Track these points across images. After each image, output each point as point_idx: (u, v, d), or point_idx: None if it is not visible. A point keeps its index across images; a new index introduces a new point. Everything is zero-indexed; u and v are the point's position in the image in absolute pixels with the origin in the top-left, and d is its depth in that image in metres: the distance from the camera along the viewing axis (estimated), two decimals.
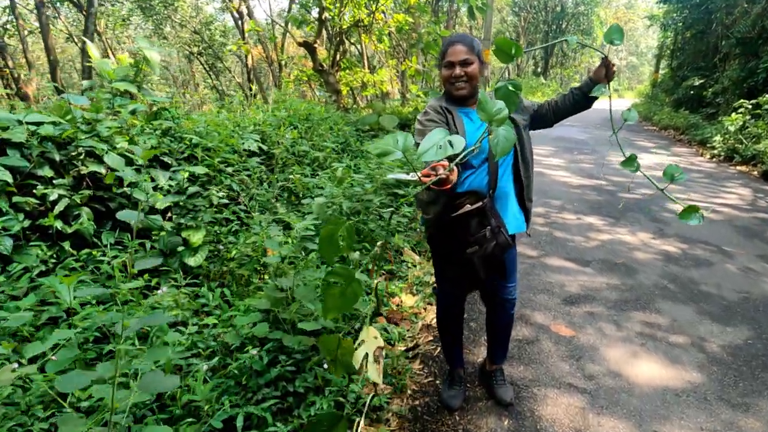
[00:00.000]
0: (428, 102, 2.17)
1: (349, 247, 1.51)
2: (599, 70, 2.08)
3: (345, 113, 8.35)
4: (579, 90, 2.20)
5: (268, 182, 3.86)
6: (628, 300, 3.55)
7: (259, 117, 4.90)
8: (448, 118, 2.07)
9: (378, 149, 1.51)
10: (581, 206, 6.13)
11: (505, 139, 1.63)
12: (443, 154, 1.42)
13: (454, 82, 2.05)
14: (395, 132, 1.51)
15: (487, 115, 1.57)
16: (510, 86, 1.81)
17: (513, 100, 1.81)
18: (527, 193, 2.21)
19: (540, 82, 27.63)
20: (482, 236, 1.96)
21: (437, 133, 1.46)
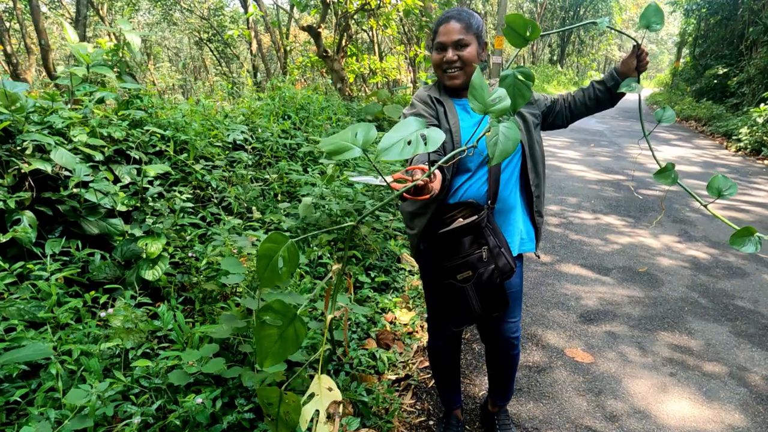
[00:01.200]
0: (418, 91, 1.77)
1: (290, 272, 1.15)
2: (629, 60, 1.67)
3: (349, 102, 7.94)
4: (602, 84, 1.79)
5: (250, 179, 3.48)
6: (653, 317, 3.14)
7: (248, 106, 4.52)
8: (438, 111, 1.67)
9: (330, 145, 1.13)
10: (599, 204, 5.68)
11: (505, 138, 1.24)
12: (411, 153, 1.04)
13: (446, 68, 1.65)
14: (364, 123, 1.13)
15: (480, 104, 1.18)
16: (519, 75, 1.41)
17: (523, 93, 1.42)
18: (537, 207, 1.81)
19: (556, 70, 26.89)
20: (477, 258, 1.57)
21: (408, 124, 1.08)
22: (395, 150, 1.03)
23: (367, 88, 12.22)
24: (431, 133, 1.07)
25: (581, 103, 1.84)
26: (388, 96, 7.40)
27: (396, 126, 1.10)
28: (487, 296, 1.59)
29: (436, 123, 1.66)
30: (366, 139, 1.11)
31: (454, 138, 1.63)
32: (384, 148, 1.03)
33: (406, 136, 1.05)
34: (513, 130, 1.25)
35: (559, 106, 1.86)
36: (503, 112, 1.17)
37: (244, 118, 4.36)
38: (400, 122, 1.08)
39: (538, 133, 1.81)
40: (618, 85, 1.72)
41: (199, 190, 3.02)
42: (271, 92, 5.28)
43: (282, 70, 12.66)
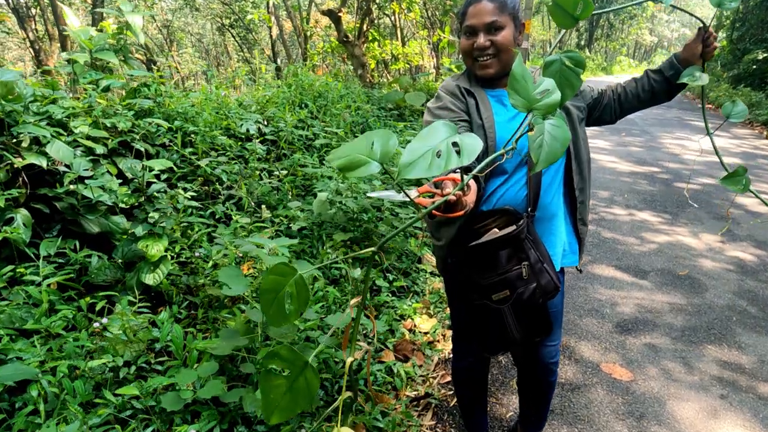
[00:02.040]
0: (445, 81, 1.54)
1: (299, 311, 0.97)
2: (693, 45, 1.42)
3: (370, 89, 7.69)
4: (659, 74, 1.53)
5: (263, 172, 3.28)
6: (697, 328, 2.87)
7: (262, 94, 4.32)
8: (469, 105, 1.44)
9: (342, 159, 0.92)
10: (633, 199, 5.36)
11: (552, 139, 1.02)
12: (442, 168, 0.83)
13: (477, 56, 1.41)
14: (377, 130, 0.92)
15: (523, 99, 0.96)
16: (566, 60, 1.17)
17: (571, 83, 1.18)
18: (581, 214, 1.57)
19: (584, 55, 26.04)
20: (516, 276, 1.34)
21: (436, 131, 0.87)
22: (422, 165, 0.81)
23: (389, 75, 11.92)
24: (466, 141, 0.85)
25: (633, 96, 1.58)
26: (410, 83, 7.12)
27: (421, 133, 0.88)
28: (527, 319, 1.37)
29: (466, 119, 1.43)
30: (385, 150, 0.89)
31: (488, 136, 1.40)
32: (408, 163, 0.82)
33: (435, 145, 0.84)
34: (561, 129, 1.02)
35: (608, 99, 1.60)
36: (552, 108, 0.94)
37: (258, 107, 4.16)
38: (426, 129, 0.86)
39: (584, 130, 1.56)
40: (678, 75, 1.46)
41: (207, 185, 2.84)
42: (289, 79, 5.07)
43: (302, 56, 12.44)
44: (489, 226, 1.38)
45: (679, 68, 1.47)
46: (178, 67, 19.53)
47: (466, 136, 0.85)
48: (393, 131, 2.94)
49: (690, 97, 17.55)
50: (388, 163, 0.88)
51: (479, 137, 1.43)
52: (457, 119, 1.42)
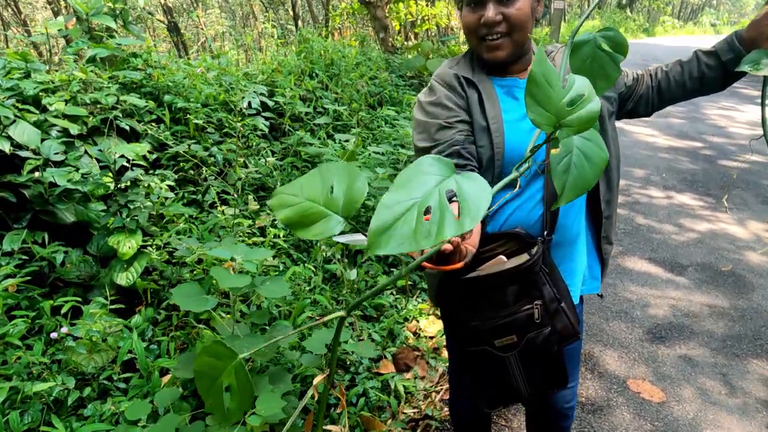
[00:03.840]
0: (439, 68, 1.22)
1: (242, 408, 0.74)
2: (764, 21, 1.05)
3: (392, 54, 7.27)
4: (712, 57, 1.18)
5: (259, 152, 3.02)
6: (741, 337, 2.54)
7: (268, 64, 4.02)
8: (470, 100, 1.14)
9: (288, 210, 0.65)
10: (671, 178, 4.92)
11: (584, 161, 0.77)
12: (435, 238, 0.55)
13: (483, 34, 1.09)
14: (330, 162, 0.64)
15: (545, 112, 0.66)
16: (602, 42, 0.86)
17: (607, 72, 0.88)
18: (606, 231, 1.27)
19: (624, 15, 24.55)
20: (526, 318, 1.06)
21: (423, 174, 0.60)
22: (401, 233, 0.54)
23: (415, 38, 11.36)
24: (467, 188, 0.57)
25: (677, 84, 1.23)
26: (432, 48, 6.67)
27: (401, 177, 0.59)
28: (538, 370, 1.09)
29: (466, 119, 1.13)
30: (350, 196, 0.62)
31: (494, 142, 1.10)
32: (380, 229, 0.54)
33: (422, 197, 0.55)
34: (596, 146, 0.73)
35: (645, 87, 1.26)
36: (588, 124, 0.64)
37: (264, 77, 3.87)
38: (408, 170, 0.58)
39: (613, 126, 1.24)
40: (738, 60, 1.10)
41: (200, 167, 2.60)
42: (300, 46, 4.73)
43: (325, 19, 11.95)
44: (494, 252, 1.10)
45: (740, 51, 1.11)
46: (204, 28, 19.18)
47: (467, 180, 0.57)
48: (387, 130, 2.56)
49: None
50: (355, 213, 0.60)
51: (483, 142, 1.14)
52: (454, 120, 1.12)
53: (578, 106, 0.63)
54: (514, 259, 1.07)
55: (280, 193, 0.63)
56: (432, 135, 1.12)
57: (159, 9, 15.19)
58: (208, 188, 2.43)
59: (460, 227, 0.52)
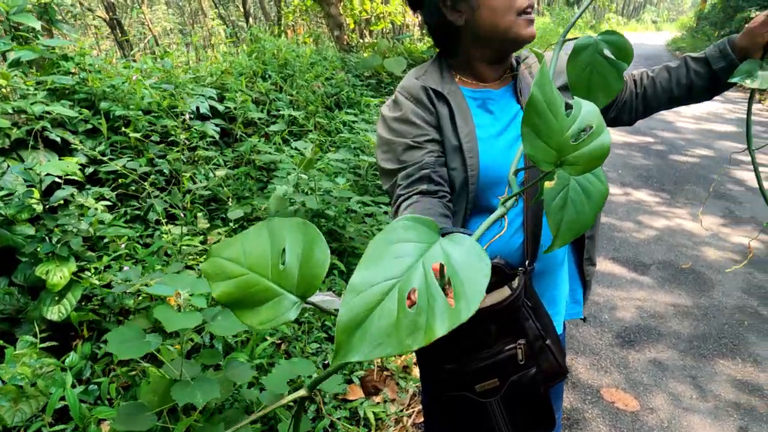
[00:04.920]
0: (404, 79, 1.09)
1: None
2: (758, 29, 0.98)
3: (347, 53, 7.10)
4: (702, 65, 1.09)
5: (206, 161, 2.81)
6: (706, 336, 2.55)
7: (217, 65, 3.79)
8: (440, 115, 1.02)
9: (226, 284, 0.48)
10: (628, 175, 5.00)
11: (583, 198, 0.65)
12: (423, 339, 0.41)
13: (524, 7, 0.97)
14: (267, 220, 0.49)
15: (546, 147, 0.52)
16: (605, 48, 0.76)
17: (608, 83, 0.78)
18: (590, 251, 1.19)
19: (573, 13, 25.17)
20: (508, 359, 0.95)
21: (400, 244, 0.45)
22: (379, 329, 0.40)
23: (371, 36, 11.22)
24: (458, 260, 0.43)
25: (664, 91, 1.14)
26: (389, 47, 6.56)
27: (374, 245, 0.45)
28: (523, 413, 0.99)
29: (435, 138, 1.01)
30: (308, 268, 0.46)
31: (467, 162, 0.99)
32: (349, 325, 0.39)
33: (400, 276, 0.42)
34: (596, 180, 0.62)
35: (629, 94, 1.17)
36: (597, 162, 0.52)
37: (213, 80, 3.64)
38: (380, 239, 0.44)
39: None
40: (730, 69, 1.03)
41: (143, 181, 2.37)
42: (251, 45, 4.51)
43: (277, 16, 11.63)
44: None
45: (732, 59, 1.03)
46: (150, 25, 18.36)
47: (457, 247, 0.43)
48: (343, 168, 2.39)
49: (678, 56, 17.08)
50: (314, 291, 0.46)
51: (456, 163, 1.02)
52: (422, 139, 0.99)
53: (586, 140, 0.52)
54: (494, 293, 0.96)
55: (217, 255, 0.48)
56: (398, 156, 1.00)
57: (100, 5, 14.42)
58: (151, 206, 2.22)
59: (456, 317, 0.39)
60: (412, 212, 0.91)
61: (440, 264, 0.44)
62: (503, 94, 1.07)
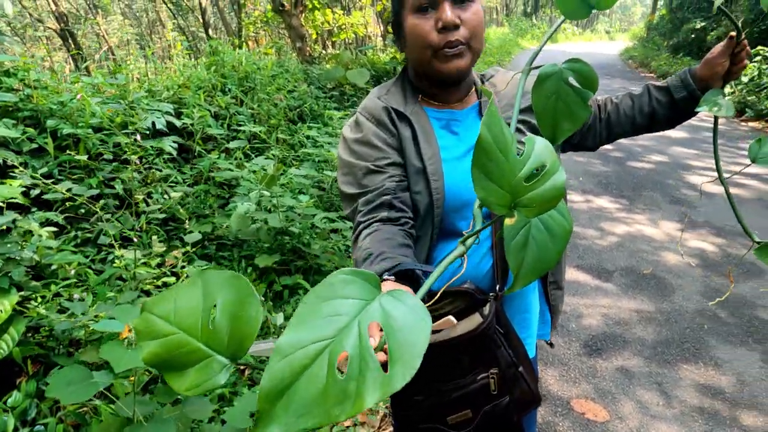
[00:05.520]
0: (366, 99, 1.06)
1: None
2: (716, 59, 0.99)
3: (309, 65, 7.06)
4: (664, 93, 1.10)
5: (164, 179, 2.71)
6: (670, 342, 2.60)
7: (173, 80, 3.68)
8: (402, 137, 0.99)
9: (154, 344, 0.43)
10: (588, 182, 5.12)
11: (547, 236, 0.63)
12: (351, 410, 0.36)
13: (442, 42, 0.93)
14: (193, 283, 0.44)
15: (498, 189, 0.49)
16: (570, 76, 0.74)
17: (573, 113, 0.76)
18: (556, 275, 1.18)
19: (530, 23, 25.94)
20: (481, 389, 0.92)
21: (337, 301, 0.40)
22: (303, 398, 0.34)
23: (333, 47, 11.20)
24: (398, 319, 0.39)
25: (627, 118, 1.14)
26: (351, 58, 6.55)
27: (307, 302, 0.40)
28: None
29: (398, 161, 0.97)
30: (238, 326, 0.41)
31: (432, 185, 0.96)
32: (272, 392, 0.34)
33: (333, 335, 0.38)
34: (559, 216, 0.60)
35: (593, 119, 1.16)
36: (552, 204, 0.49)
37: (170, 94, 3.53)
38: (317, 289, 0.39)
39: (558, 155, 1.14)
40: (692, 99, 1.04)
41: (96, 202, 2.25)
42: (210, 58, 4.40)
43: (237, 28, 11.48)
44: (440, 312, 0.94)
45: (693, 90, 1.04)
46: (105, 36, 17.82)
47: (398, 304, 0.39)
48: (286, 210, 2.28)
49: (632, 66, 17.78)
50: (244, 352, 0.41)
51: (420, 187, 0.98)
52: (384, 163, 0.96)
53: (540, 181, 0.49)
54: (464, 321, 0.92)
55: (149, 312, 0.43)
56: (359, 180, 0.96)
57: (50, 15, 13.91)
58: (101, 231, 2.10)
59: (389, 385, 0.35)
60: (372, 242, 0.87)
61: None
62: (468, 114, 1.05)
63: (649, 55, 17.33)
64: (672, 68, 13.93)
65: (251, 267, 2.36)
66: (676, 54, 15.76)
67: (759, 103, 8.54)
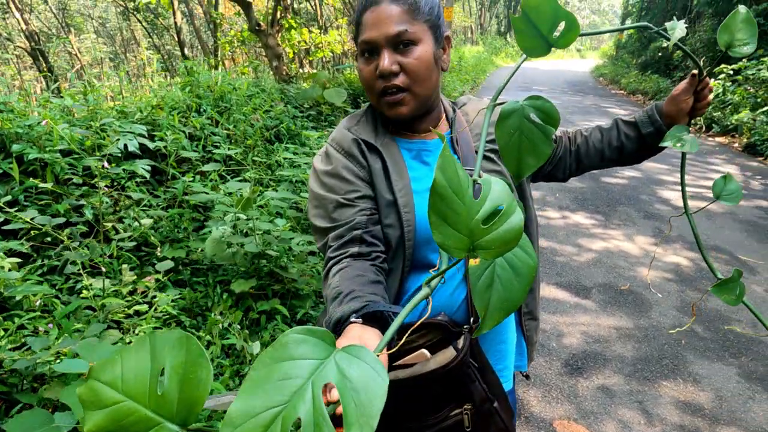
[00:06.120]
0: (336, 130, 1.04)
1: None
2: (681, 96, 1.01)
3: (286, 84, 7.05)
4: (632, 128, 1.12)
5: (136, 203, 2.64)
6: (649, 359, 2.62)
7: (147, 100, 3.62)
8: (372, 170, 0.97)
9: (94, 404, 0.39)
10: (564, 198, 5.19)
11: (511, 275, 0.61)
12: None
13: (382, 88, 0.93)
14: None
15: (454, 233, 0.47)
16: (532, 113, 0.74)
17: (536, 148, 0.75)
18: (530, 305, 1.16)
19: (505, 41, 26.51)
20: (453, 426, 0.90)
21: (291, 363, 0.37)
22: None
23: (310, 66, 11.24)
24: (354, 379, 0.37)
25: (596, 151, 1.16)
26: (328, 77, 6.56)
27: (259, 366, 0.36)
28: None
29: (368, 194, 0.96)
30: (187, 394, 0.38)
31: (403, 218, 0.94)
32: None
33: (284, 403, 0.36)
34: (524, 254, 0.59)
35: (563, 151, 1.18)
36: (510, 245, 0.48)
37: (143, 115, 3.47)
38: (270, 351, 0.37)
39: (530, 186, 1.14)
40: (658, 134, 1.07)
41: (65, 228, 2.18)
42: (185, 78, 4.35)
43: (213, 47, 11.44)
44: (413, 344, 0.92)
45: (660, 125, 1.06)
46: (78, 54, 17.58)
47: (355, 364, 0.38)
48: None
49: (603, 83, 18.28)
50: (195, 418, 0.38)
51: (391, 220, 0.94)
52: (354, 196, 0.94)
53: (497, 223, 0.47)
54: (438, 355, 0.90)
55: (95, 378, 0.40)
56: (329, 213, 0.94)
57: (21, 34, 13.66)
58: (67, 261, 2.02)
59: None
60: (341, 279, 0.85)
61: None
62: (439, 144, 1.04)
63: (619, 73, 17.85)
64: (641, 85, 14.37)
65: (227, 293, 2.30)
66: (644, 71, 16.26)
67: (724, 119, 8.82)
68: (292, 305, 2.42)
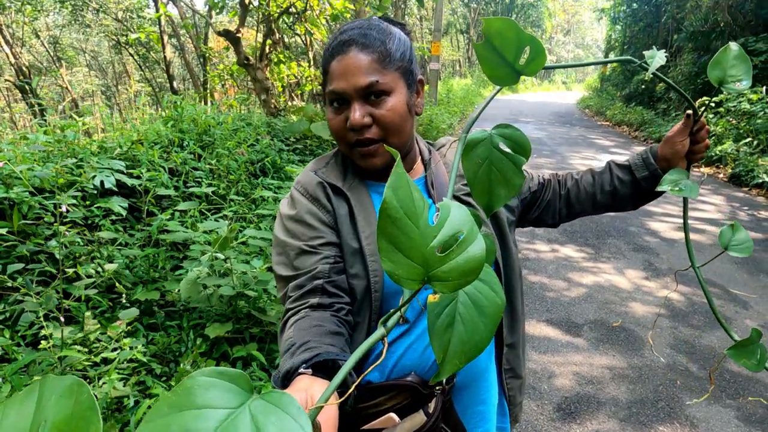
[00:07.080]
0: (302, 173, 0.98)
1: None
2: (676, 138, 0.95)
3: (274, 117, 7.05)
4: (626, 172, 1.06)
5: (110, 242, 2.54)
6: (644, 401, 2.51)
7: (127, 136, 3.55)
8: (338, 215, 0.90)
9: None
10: (553, 231, 5.13)
11: (474, 314, 0.53)
12: None
13: (354, 140, 0.87)
14: None
15: (408, 262, 0.39)
16: (501, 143, 0.68)
17: (509, 179, 0.69)
18: (511, 361, 1.07)
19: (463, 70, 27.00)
20: None
21: (205, 411, 0.27)
22: None
23: (300, 99, 11.31)
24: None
25: (588, 195, 1.09)
26: (315, 111, 6.57)
27: (157, 415, 0.29)
28: None
29: (332, 241, 0.88)
30: None
31: (369, 267, 0.87)
32: None
33: None
34: (488, 290, 0.52)
35: (552, 194, 1.11)
36: (469, 276, 0.41)
37: (123, 150, 3.39)
38: (172, 395, 0.29)
39: (514, 237, 1.07)
40: (654, 178, 1.01)
41: (24, 271, 2.07)
42: (168, 113, 4.31)
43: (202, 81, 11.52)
44: (381, 407, 0.83)
45: (655, 169, 1.00)
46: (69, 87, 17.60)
47: (271, 412, 0.30)
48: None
49: (589, 114, 18.61)
50: None
51: (356, 269, 0.74)
52: (318, 243, 0.87)
53: (455, 251, 0.40)
54: (406, 421, 0.81)
55: None
56: (291, 261, 0.87)
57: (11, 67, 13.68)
58: (22, 312, 1.91)
59: None
60: (296, 331, 0.76)
61: None
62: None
63: (604, 105, 18.20)
64: (626, 117, 14.62)
65: (201, 337, 2.18)
66: (628, 103, 16.60)
67: (709, 150, 8.94)
68: (270, 350, 2.30)
